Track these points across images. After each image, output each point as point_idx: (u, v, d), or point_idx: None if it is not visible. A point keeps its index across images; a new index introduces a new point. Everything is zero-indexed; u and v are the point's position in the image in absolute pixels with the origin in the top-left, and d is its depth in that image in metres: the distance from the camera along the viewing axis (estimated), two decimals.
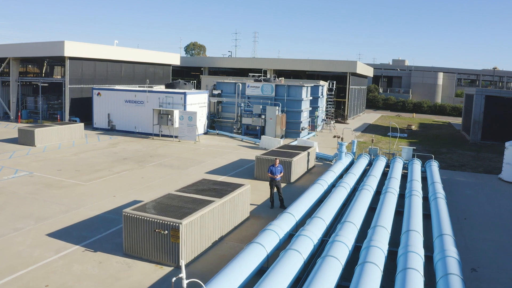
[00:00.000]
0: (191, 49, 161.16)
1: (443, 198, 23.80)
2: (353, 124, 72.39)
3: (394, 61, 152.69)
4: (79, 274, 15.49)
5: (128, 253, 17.22)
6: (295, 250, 15.24)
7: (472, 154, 47.88)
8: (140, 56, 67.09)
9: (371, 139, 48.13)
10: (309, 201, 22.26)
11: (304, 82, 63.71)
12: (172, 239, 16.03)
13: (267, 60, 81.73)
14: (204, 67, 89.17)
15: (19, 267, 15.83)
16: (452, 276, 14.43)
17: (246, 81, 57.58)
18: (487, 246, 20.51)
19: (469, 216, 24.86)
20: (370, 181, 26.25)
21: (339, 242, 16.20)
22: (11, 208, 22.66)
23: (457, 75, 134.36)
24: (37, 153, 37.85)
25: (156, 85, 67.33)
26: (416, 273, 14.36)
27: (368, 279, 13.57)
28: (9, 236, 18.95)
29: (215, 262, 17.05)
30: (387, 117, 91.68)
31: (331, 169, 29.44)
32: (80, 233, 19.45)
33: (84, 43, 57.34)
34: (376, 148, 36.93)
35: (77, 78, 56.77)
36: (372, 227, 18.50)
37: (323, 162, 38.57)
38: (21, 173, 30.37)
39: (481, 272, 17.65)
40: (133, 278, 15.35)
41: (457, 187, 31.50)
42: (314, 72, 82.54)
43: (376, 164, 31.84)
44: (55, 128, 43.55)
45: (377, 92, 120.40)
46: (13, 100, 60.93)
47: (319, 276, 13.44)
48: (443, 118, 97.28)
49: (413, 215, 20.36)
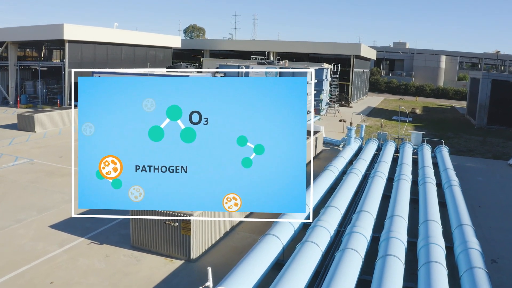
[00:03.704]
0: (191, 32, 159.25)
1: (458, 186, 23.09)
2: (356, 107, 71.47)
3: (395, 44, 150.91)
4: (85, 269, 14.78)
5: (136, 245, 16.51)
6: (313, 242, 14.53)
7: (479, 139, 47.11)
8: (140, 39, 65.89)
9: (377, 123, 47.35)
10: (322, 189, 21.56)
11: (309, 65, 62.63)
12: (183, 231, 15.32)
13: (269, 42, 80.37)
14: (205, 50, 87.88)
15: (21, 263, 15.10)
16: (477, 270, 13.76)
17: (249, 64, 56.50)
18: (505, 236, 19.89)
19: (484, 204, 24.21)
20: (382, 167, 25.50)
21: (358, 233, 15.49)
22: (11, 198, 21.88)
23: (459, 58, 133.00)
24: (37, 139, 37.00)
25: (157, 68, 66.22)
26: (440, 267, 13.68)
27: (391, 274, 12.91)
28: (11, 228, 18.19)
29: (227, 254, 16.37)
30: (390, 100, 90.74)
31: (340, 154, 28.67)
32: (84, 224, 18.65)
33: (84, 26, 56.19)
34: (385, 133, 36.11)
35: (76, 61, 55.67)
36: (389, 217, 17.79)
37: (330, 147, 37.78)
38: (21, 160, 29.55)
39: (502, 264, 17.05)
40: (143, 273, 14.65)
41: (468, 174, 30.79)
42: (316, 55, 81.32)
43: (385, 149, 31.05)
44: (55, 113, 42.62)
45: (379, 75, 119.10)
46: (12, 84, 59.89)
47: (340, 271, 12.77)
48: (446, 102, 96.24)
49: (429, 204, 19.66)
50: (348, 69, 75.85)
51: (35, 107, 57.29)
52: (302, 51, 78.42)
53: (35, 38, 57.93)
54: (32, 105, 58.69)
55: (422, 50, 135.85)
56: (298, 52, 78.86)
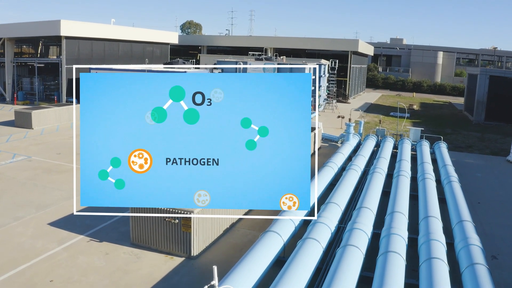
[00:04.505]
0: (187, 28, 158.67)
1: (457, 182, 23.08)
2: (354, 103, 71.37)
3: (392, 39, 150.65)
4: (85, 267, 14.68)
5: (136, 243, 16.42)
6: (314, 239, 14.49)
7: (477, 135, 47.14)
8: (137, 35, 65.60)
9: (375, 119, 47.31)
10: (321, 185, 21.54)
11: (307, 61, 62.49)
12: (183, 228, 15.23)
13: (266, 38, 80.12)
14: (203, 46, 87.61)
15: (21, 261, 14.98)
16: (479, 266, 13.74)
17: (247, 60, 56.36)
18: (505, 232, 19.87)
19: (483, 200, 24.18)
20: (381, 163, 25.46)
21: (358, 230, 15.46)
22: (10, 195, 21.73)
23: (456, 54, 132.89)
24: (34, 136, 36.81)
25: (154, 64, 65.93)
26: (441, 263, 13.67)
27: (393, 270, 12.88)
28: (9, 226, 18.06)
29: (228, 251, 16.30)
30: (387, 96, 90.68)
31: (339, 150, 28.64)
32: (84, 221, 18.53)
33: (81, 22, 55.85)
34: (383, 129, 36.10)
35: (73, 58, 55.37)
36: (389, 213, 17.75)
37: (328, 143, 37.72)
38: (19, 157, 29.38)
39: (502, 260, 17.03)
40: (143, 271, 14.57)
41: (467, 170, 30.77)
42: (314, 51, 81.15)
43: (384, 145, 31.02)
44: (53, 110, 42.41)
45: (376, 71, 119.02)
46: (9, 81, 59.57)
47: (342, 268, 12.73)
48: (443, 98, 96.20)
49: (429, 201, 19.64)
50: (345, 65, 75.75)
51: (32, 103, 56.98)
52: (300, 47, 78.24)
53: (32, 35, 57.63)
54: (29, 101, 58.40)
55: (419, 46, 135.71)
56: (295, 48, 78.67)
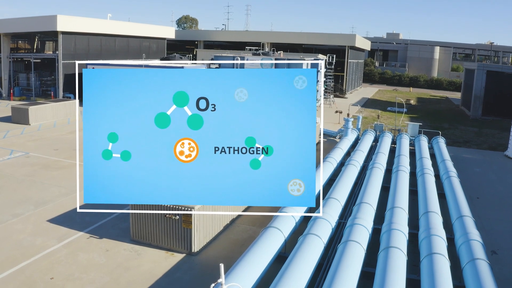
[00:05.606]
0: (183, 23, 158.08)
1: (456, 177, 23.08)
2: (351, 98, 71.35)
3: (388, 34, 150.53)
4: (85, 264, 14.60)
5: (136, 239, 16.35)
6: (315, 235, 14.46)
7: (474, 130, 47.21)
8: (134, 30, 65.28)
9: (373, 114, 47.30)
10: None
11: (304, 56, 62.39)
12: (184, 225, 15.18)
13: (263, 33, 79.89)
14: (199, 41, 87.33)
15: (20, 258, 14.88)
16: (479, 261, 13.75)
17: (244, 55, 56.19)
18: (504, 227, 19.91)
19: (482, 195, 24.22)
20: (380, 158, 25.43)
21: (359, 225, 15.43)
22: (8, 192, 21.60)
23: (452, 49, 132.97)
24: (32, 132, 36.63)
25: (151, 59, 65.76)
26: (442, 258, 13.67)
27: (394, 266, 12.87)
28: (8, 223, 17.93)
29: (228, 247, 16.26)
30: (384, 91, 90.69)
31: (338, 146, 28.61)
32: (83, 218, 18.43)
33: (77, 17, 55.54)
34: (381, 124, 36.11)
35: (70, 53, 55.14)
36: (390, 208, 17.74)
37: (327, 138, 37.70)
38: (17, 153, 29.22)
39: (502, 255, 17.07)
40: (144, 267, 14.51)
41: (465, 165, 30.81)
42: (311, 46, 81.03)
43: (382, 140, 31.00)
44: (50, 106, 42.19)
45: (373, 66, 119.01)
46: (5, 77, 59.25)
47: (344, 263, 12.70)
48: (440, 93, 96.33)
49: (429, 196, 19.63)
50: (342, 60, 75.66)
51: (28, 99, 56.72)
52: (297, 42, 78.14)
53: (28, 30, 57.26)
54: (25, 97, 58.11)
55: (415, 41, 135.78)
56: (292, 43, 78.54)
